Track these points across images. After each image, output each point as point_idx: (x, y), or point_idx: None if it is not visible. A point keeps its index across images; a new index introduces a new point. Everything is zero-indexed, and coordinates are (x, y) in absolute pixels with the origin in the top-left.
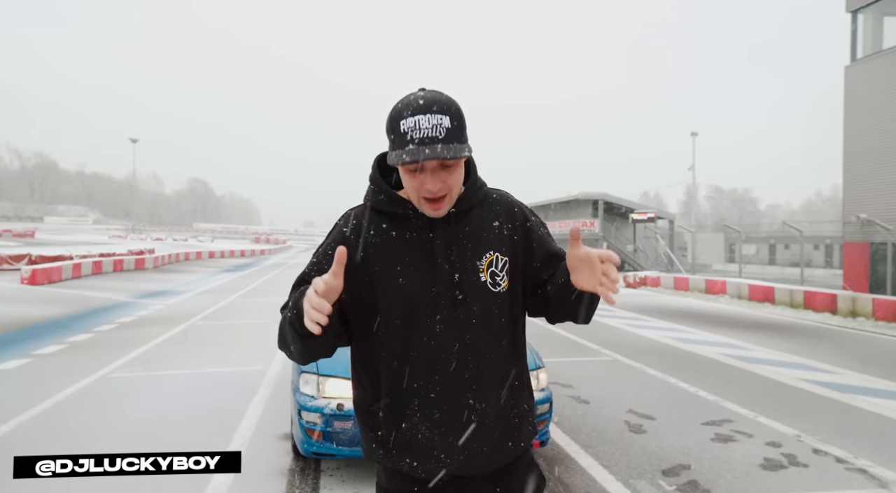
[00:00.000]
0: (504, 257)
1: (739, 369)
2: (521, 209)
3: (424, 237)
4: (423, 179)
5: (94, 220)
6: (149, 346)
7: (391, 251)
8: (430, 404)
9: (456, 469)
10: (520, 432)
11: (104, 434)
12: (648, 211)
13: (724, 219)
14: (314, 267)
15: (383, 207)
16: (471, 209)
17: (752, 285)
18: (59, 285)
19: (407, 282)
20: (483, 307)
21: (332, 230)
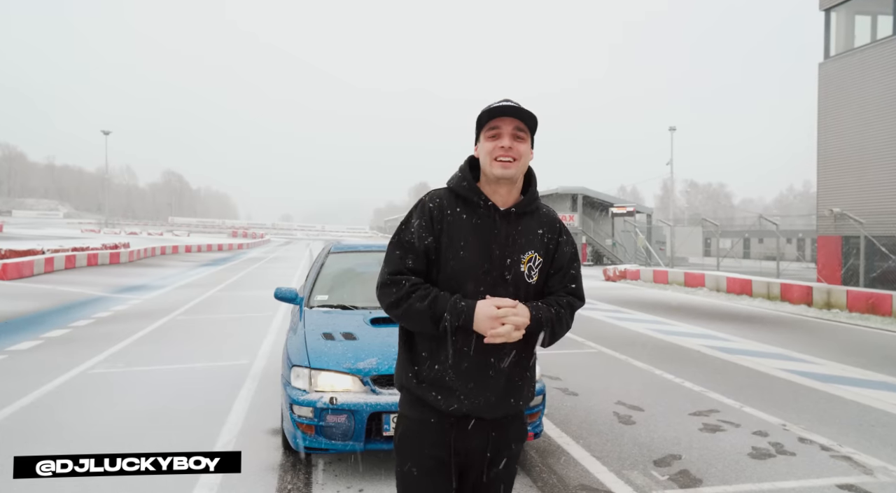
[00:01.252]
0: (540, 258)
1: (722, 359)
2: (561, 226)
3: (489, 224)
4: (498, 142)
5: (66, 214)
6: (129, 341)
7: (460, 229)
8: (463, 356)
9: (468, 409)
10: (520, 392)
11: (87, 431)
12: (628, 205)
13: (700, 213)
14: (413, 236)
15: (462, 191)
16: (525, 214)
17: (730, 278)
18: (32, 280)
19: (466, 255)
20: (517, 290)
21: (418, 206)
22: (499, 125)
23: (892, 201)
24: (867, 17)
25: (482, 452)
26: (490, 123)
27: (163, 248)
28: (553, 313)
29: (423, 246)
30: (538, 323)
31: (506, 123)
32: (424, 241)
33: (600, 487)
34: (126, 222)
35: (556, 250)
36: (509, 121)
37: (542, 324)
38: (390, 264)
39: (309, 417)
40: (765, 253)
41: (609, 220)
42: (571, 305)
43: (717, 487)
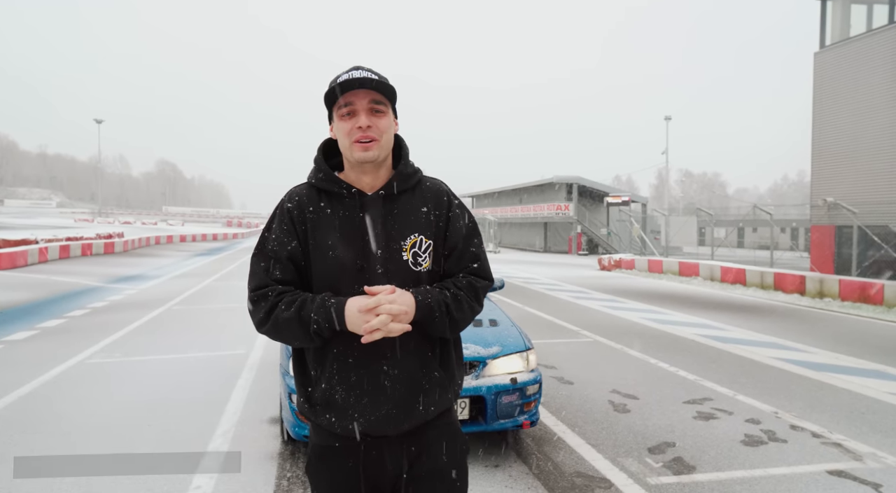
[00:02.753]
0: (428, 240)
1: (716, 348)
2: (449, 198)
3: (355, 215)
4: (354, 121)
5: (59, 203)
6: (125, 331)
7: (326, 226)
8: (348, 368)
9: (368, 428)
10: (430, 397)
11: (86, 422)
12: (623, 194)
13: (695, 203)
14: (274, 244)
15: (322, 185)
16: (402, 193)
17: (724, 268)
18: (26, 270)
19: (336, 254)
20: (402, 283)
21: (277, 207)
22: (352, 101)
23: (885, 191)
24: (863, 6)
25: (397, 474)
26: (341, 100)
27: (157, 238)
28: (448, 295)
29: (286, 253)
30: (427, 309)
31: (359, 97)
32: (287, 247)
33: (595, 474)
34: (120, 212)
35: (448, 227)
36: (363, 94)
37: (432, 309)
38: (254, 279)
39: None
40: (759, 242)
41: (604, 209)
42: (472, 285)
43: (710, 474)
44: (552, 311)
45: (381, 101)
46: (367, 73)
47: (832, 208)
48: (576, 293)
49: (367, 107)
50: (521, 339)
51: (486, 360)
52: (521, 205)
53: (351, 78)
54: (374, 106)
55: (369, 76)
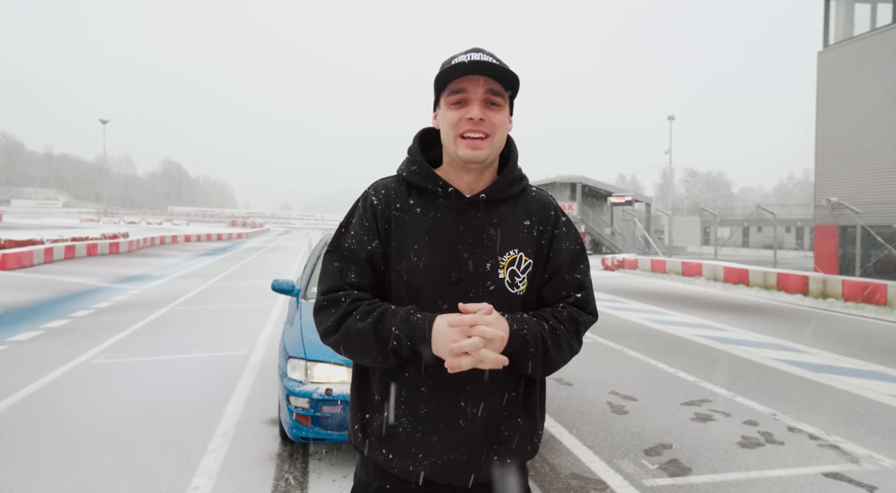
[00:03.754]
0: (528, 258)
1: (716, 349)
2: (557, 213)
3: (449, 219)
4: (465, 111)
5: (64, 203)
6: (128, 331)
7: (412, 228)
8: (419, 398)
9: (430, 473)
10: (509, 447)
11: (89, 422)
12: (626, 194)
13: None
14: (352, 242)
15: (413, 180)
16: (504, 201)
17: (727, 268)
18: (31, 270)
19: (420, 263)
20: (496, 307)
21: (360, 200)
22: (465, 87)
23: (889, 191)
24: (867, 4)
25: None
26: (453, 85)
27: (162, 238)
28: (546, 328)
29: (365, 253)
30: (521, 342)
31: (475, 84)
32: (367, 246)
33: (591, 476)
34: (125, 212)
35: (552, 246)
36: (481, 82)
37: (527, 343)
38: (326, 281)
39: (305, 407)
40: (763, 242)
41: (608, 209)
42: (574, 319)
43: (706, 475)
44: None
45: (500, 92)
46: (489, 57)
47: (836, 208)
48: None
49: (482, 97)
50: None
51: None
52: None
53: (469, 60)
54: (490, 97)
55: (490, 61)
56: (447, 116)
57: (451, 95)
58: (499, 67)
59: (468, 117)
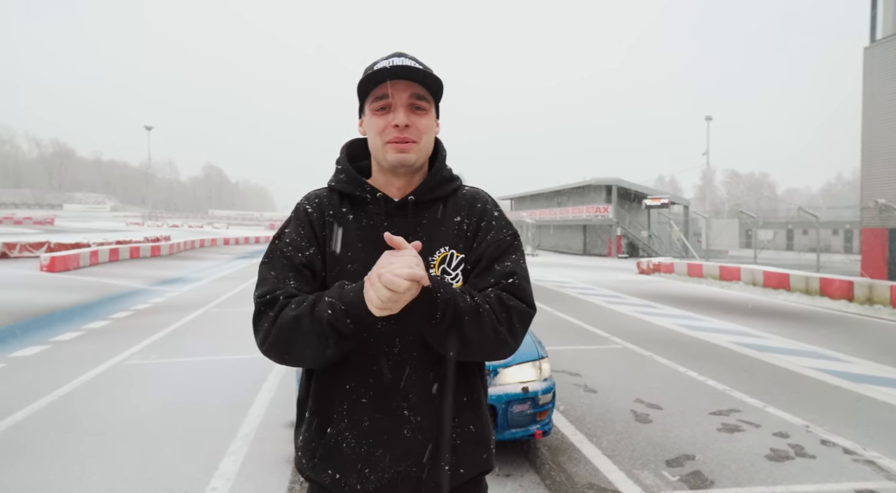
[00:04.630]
0: (460, 254)
1: (750, 357)
2: (485, 205)
3: (378, 225)
4: (389, 117)
5: (112, 207)
6: (163, 333)
7: (346, 235)
8: (360, 410)
9: (379, 489)
10: (460, 457)
11: (118, 421)
12: (662, 196)
13: (741, 204)
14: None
15: (343, 188)
16: (434, 201)
17: (766, 272)
18: (77, 272)
19: (354, 269)
20: None
21: (293, 212)
22: (389, 93)
23: None
24: None
25: None
26: (376, 91)
27: (202, 241)
28: (467, 300)
29: (302, 259)
30: (430, 301)
31: (398, 89)
32: (305, 252)
33: (608, 486)
34: (168, 215)
35: (476, 236)
36: (403, 86)
37: (435, 305)
38: (263, 287)
39: None
40: (809, 245)
41: (644, 211)
42: (503, 302)
43: (729, 489)
44: (583, 316)
45: (424, 96)
46: (411, 61)
47: (884, 210)
48: (609, 298)
49: (406, 102)
50: (534, 347)
51: (497, 368)
52: (560, 207)
53: (391, 65)
54: (415, 101)
55: (412, 65)
56: (373, 123)
57: (375, 101)
58: (422, 71)
59: (394, 124)
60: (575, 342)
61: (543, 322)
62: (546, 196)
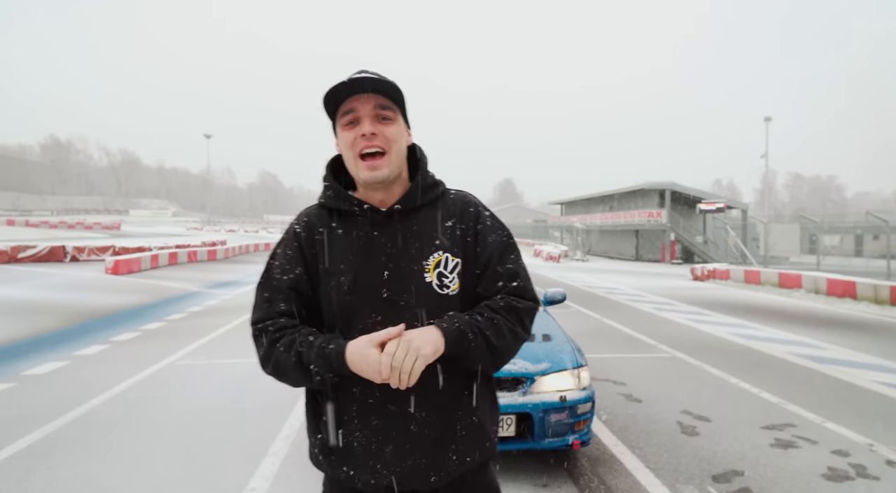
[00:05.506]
0: (455, 258)
1: (808, 369)
2: (477, 209)
3: (368, 235)
4: (358, 129)
5: (174, 212)
6: (214, 335)
7: (337, 249)
8: (368, 410)
9: (391, 482)
10: (466, 446)
11: (164, 420)
12: (718, 201)
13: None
14: (277, 272)
15: (331, 203)
16: (420, 208)
17: (830, 280)
18: (139, 275)
19: (348, 280)
20: (429, 310)
21: (285, 232)
22: (354, 106)
23: None
24: None
25: None
26: (343, 107)
27: (256, 245)
28: (479, 319)
29: (289, 282)
30: (458, 336)
31: (362, 102)
32: (291, 274)
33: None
34: (226, 220)
35: (477, 242)
36: (365, 99)
37: (463, 335)
38: (256, 312)
39: None
40: (879, 251)
41: (699, 216)
42: (512, 306)
43: None
44: (631, 323)
45: (388, 105)
46: (371, 75)
47: None
48: (659, 305)
49: (371, 113)
50: (573, 355)
51: (534, 376)
52: (612, 212)
53: (349, 79)
54: (379, 112)
55: (371, 76)
56: (343, 138)
57: (342, 116)
58: (380, 81)
59: (361, 134)
60: (621, 350)
61: (590, 329)
62: (597, 201)
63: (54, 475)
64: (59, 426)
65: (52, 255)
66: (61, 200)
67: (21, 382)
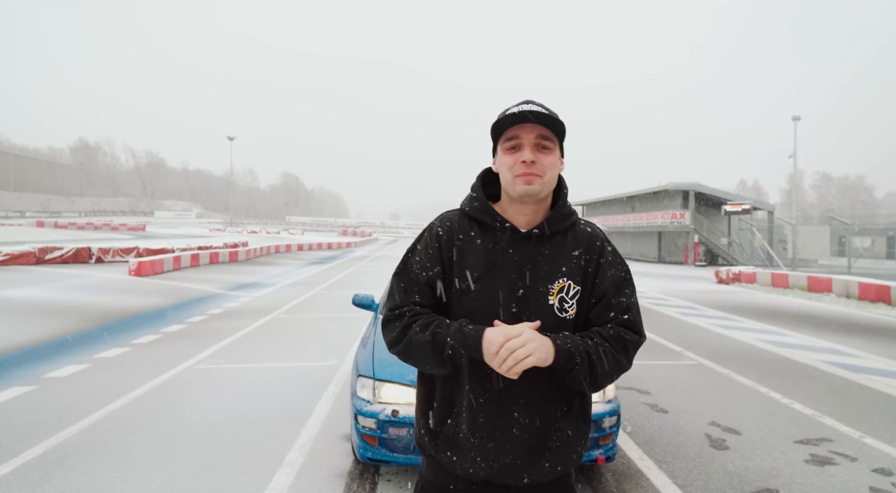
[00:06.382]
0: (577, 286)
1: (844, 379)
2: (602, 244)
3: (504, 251)
4: (518, 155)
5: (197, 214)
6: (233, 338)
7: (473, 257)
8: (477, 408)
9: (488, 475)
10: (558, 456)
11: (179, 426)
12: (744, 202)
13: (833, 209)
14: (417, 266)
15: (475, 214)
16: (555, 234)
17: (863, 284)
18: (161, 276)
19: (479, 288)
20: (546, 330)
21: (427, 229)
22: (518, 134)
23: None
24: None
25: None
26: (507, 133)
27: (276, 246)
28: (589, 344)
29: (427, 277)
30: (566, 355)
31: (526, 131)
32: (430, 271)
33: None
34: (248, 222)
35: (597, 274)
36: (530, 129)
37: (571, 355)
38: (392, 299)
39: (372, 428)
40: None
41: (724, 218)
42: (620, 337)
43: None
44: (655, 329)
45: (549, 136)
46: (537, 107)
47: None
48: (684, 309)
49: (533, 142)
50: None
51: None
52: (634, 213)
53: (519, 111)
54: (540, 141)
55: (538, 110)
56: (504, 160)
57: (506, 141)
58: (546, 115)
59: (521, 160)
60: (645, 357)
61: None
62: (619, 202)
63: (67, 484)
64: (75, 431)
65: (77, 256)
66: (89, 201)
67: (42, 385)
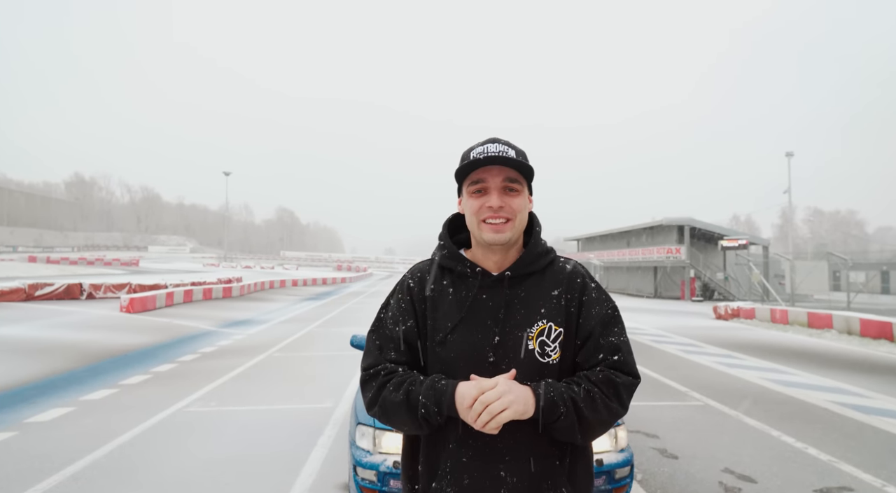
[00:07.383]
0: (558, 327)
1: (857, 421)
2: (584, 280)
3: (477, 297)
4: (485, 200)
5: (192, 249)
6: (226, 378)
7: (445, 307)
8: (461, 468)
9: None
10: None
11: (165, 476)
12: (740, 237)
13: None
14: (390, 322)
15: (445, 262)
16: (530, 275)
17: (864, 320)
18: (153, 313)
19: (453, 339)
20: (528, 377)
21: (398, 284)
22: (484, 178)
23: None
24: None
25: None
26: (472, 176)
27: (271, 282)
28: (575, 390)
29: (400, 332)
30: (550, 405)
31: (492, 174)
32: (404, 325)
33: None
34: (242, 256)
35: (580, 313)
36: (497, 171)
37: (555, 405)
38: (367, 358)
39: (372, 481)
40: None
41: (720, 253)
42: (611, 380)
43: None
44: (658, 367)
45: (516, 178)
46: (504, 147)
47: None
48: (686, 347)
49: (500, 185)
50: None
51: None
52: (629, 248)
53: (485, 155)
54: (508, 184)
55: (505, 152)
56: (470, 204)
57: (471, 184)
58: (513, 160)
59: (488, 205)
60: (650, 398)
61: None
62: (614, 237)
63: None
64: (55, 482)
65: (68, 293)
66: (83, 236)
67: (23, 430)
